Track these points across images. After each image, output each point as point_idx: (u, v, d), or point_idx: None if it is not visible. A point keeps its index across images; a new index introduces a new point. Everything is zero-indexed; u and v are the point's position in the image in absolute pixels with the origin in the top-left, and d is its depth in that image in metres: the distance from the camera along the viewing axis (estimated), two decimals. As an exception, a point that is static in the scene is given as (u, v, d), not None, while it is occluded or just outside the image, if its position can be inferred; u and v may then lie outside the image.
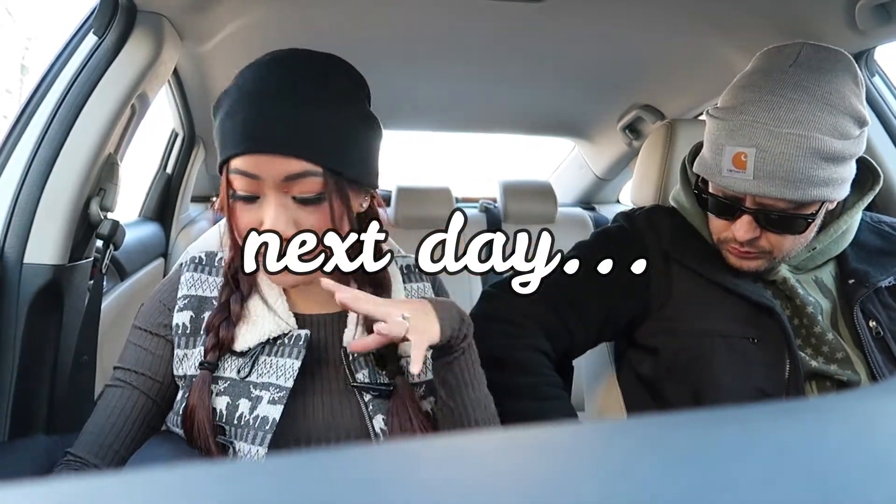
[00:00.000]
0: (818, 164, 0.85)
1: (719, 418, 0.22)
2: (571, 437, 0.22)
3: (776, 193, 0.86)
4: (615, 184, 2.74)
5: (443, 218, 2.17)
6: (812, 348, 0.96)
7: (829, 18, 1.23)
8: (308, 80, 0.75)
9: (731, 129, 0.89)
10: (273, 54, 0.78)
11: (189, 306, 0.82)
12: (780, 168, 0.85)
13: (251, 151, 0.72)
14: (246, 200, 0.75)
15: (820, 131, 0.85)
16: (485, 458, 0.20)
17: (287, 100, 0.73)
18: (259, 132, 0.72)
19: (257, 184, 0.73)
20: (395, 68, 1.75)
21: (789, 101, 0.86)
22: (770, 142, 0.85)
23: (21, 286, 1.05)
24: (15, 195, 1.06)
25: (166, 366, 0.81)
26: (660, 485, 0.17)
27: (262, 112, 0.73)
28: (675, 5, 1.32)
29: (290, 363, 0.77)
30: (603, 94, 2.02)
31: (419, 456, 0.20)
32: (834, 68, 0.89)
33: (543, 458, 0.20)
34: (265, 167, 0.72)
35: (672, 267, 1.02)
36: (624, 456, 0.19)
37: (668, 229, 1.06)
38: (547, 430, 0.22)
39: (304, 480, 0.18)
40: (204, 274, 0.85)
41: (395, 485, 0.17)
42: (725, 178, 0.90)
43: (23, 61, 10.70)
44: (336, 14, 1.39)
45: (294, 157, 0.72)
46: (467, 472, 0.18)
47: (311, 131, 0.73)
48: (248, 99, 0.73)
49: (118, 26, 1.14)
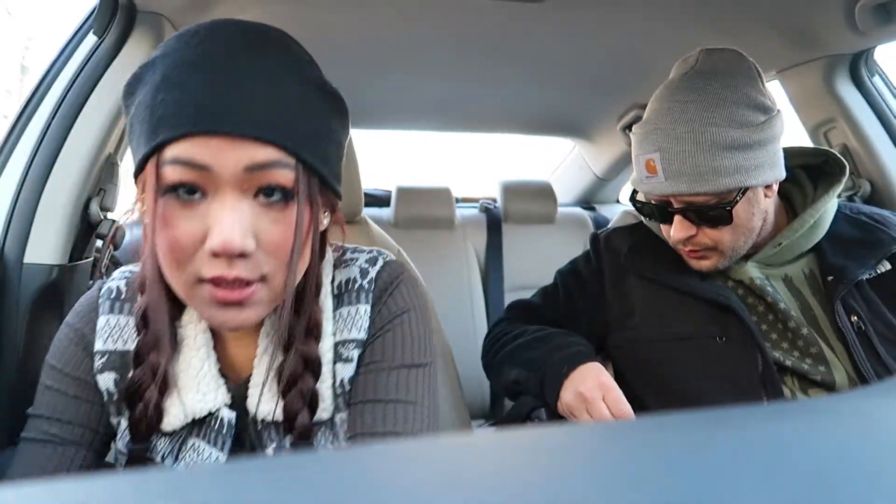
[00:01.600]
0: (720, 154, 0.90)
1: (719, 418, 0.22)
2: (571, 437, 0.22)
3: (687, 189, 0.92)
4: (615, 184, 2.73)
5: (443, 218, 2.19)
6: (788, 342, 0.97)
7: (829, 18, 1.23)
8: (268, 51, 0.56)
9: (640, 139, 0.96)
10: (210, 23, 0.57)
11: (110, 366, 0.66)
12: (685, 165, 0.91)
13: (201, 132, 0.52)
14: (185, 202, 0.54)
15: (714, 125, 0.90)
16: (485, 458, 0.20)
17: (249, 70, 0.53)
18: (214, 107, 0.52)
19: (205, 178, 0.53)
20: (395, 68, 1.75)
21: (682, 104, 0.92)
22: (670, 143, 0.91)
23: (21, 286, 1.05)
24: (15, 195, 1.06)
25: (103, 413, 0.67)
26: (659, 485, 0.17)
27: (215, 82, 0.52)
28: (675, 6, 1.32)
29: (216, 455, 0.63)
30: (603, 94, 2.02)
31: (419, 456, 0.20)
32: (727, 66, 0.95)
33: (543, 458, 0.20)
34: (220, 154, 0.52)
35: (629, 280, 1.08)
36: (624, 456, 0.19)
37: (626, 245, 1.13)
38: (547, 430, 0.22)
39: (304, 480, 0.18)
40: (123, 315, 0.68)
41: (395, 485, 0.17)
42: (644, 185, 0.97)
43: (23, 61, 10.70)
44: (336, 14, 1.39)
45: (261, 142, 0.53)
46: (467, 472, 0.18)
47: (281, 110, 0.54)
48: (192, 68, 0.53)
49: (118, 26, 1.14)
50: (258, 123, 0.53)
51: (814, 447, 0.19)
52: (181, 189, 0.54)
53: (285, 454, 0.56)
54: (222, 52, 0.54)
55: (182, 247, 0.54)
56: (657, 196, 0.97)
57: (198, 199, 0.54)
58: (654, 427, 0.22)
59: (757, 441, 0.20)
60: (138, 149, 0.56)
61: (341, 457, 0.20)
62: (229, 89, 0.52)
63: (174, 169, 0.53)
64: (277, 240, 0.55)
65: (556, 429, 0.22)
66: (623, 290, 1.09)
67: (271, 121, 0.53)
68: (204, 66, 0.53)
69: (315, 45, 0.83)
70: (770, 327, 0.98)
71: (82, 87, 1.11)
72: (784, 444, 0.19)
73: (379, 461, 0.19)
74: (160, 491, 0.17)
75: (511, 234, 2.32)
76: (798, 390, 0.94)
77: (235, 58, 0.54)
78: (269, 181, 0.54)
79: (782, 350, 0.96)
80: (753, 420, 0.22)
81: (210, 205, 0.54)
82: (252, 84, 0.53)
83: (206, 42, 0.54)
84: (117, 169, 1.22)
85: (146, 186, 0.55)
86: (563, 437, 0.22)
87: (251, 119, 0.52)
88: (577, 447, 0.21)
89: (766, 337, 0.97)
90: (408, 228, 2.21)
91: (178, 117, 0.52)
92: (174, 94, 0.52)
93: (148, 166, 0.54)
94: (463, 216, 2.36)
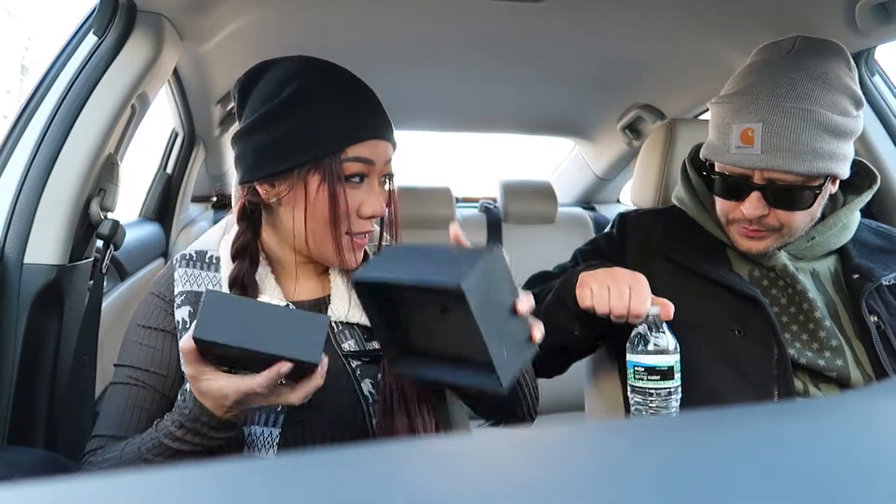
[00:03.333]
0: (822, 136, 0.89)
1: (719, 418, 0.22)
2: (571, 437, 0.22)
3: (784, 166, 0.89)
4: (615, 184, 2.73)
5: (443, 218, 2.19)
6: (809, 334, 0.97)
7: (829, 18, 1.23)
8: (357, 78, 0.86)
9: (738, 107, 0.93)
10: (308, 59, 0.85)
11: (187, 301, 0.84)
12: (787, 140, 0.89)
13: (373, 137, 0.81)
14: (354, 186, 0.81)
15: (821, 106, 0.89)
16: (485, 457, 0.20)
17: (370, 92, 0.84)
18: (377, 121, 0.82)
19: (368, 168, 0.81)
20: (395, 68, 1.75)
21: (790, 80, 0.90)
22: (775, 116, 0.89)
23: (21, 286, 1.05)
24: (15, 195, 1.06)
25: (173, 360, 0.83)
26: (659, 485, 0.17)
27: (368, 103, 0.82)
28: (675, 6, 1.32)
29: None
30: (603, 94, 2.02)
31: (419, 456, 0.20)
32: (827, 54, 0.94)
33: (543, 458, 0.20)
34: (378, 151, 0.81)
35: (655, 263, 1.05)
36: (624, 456, 0.20)
37: (659, 228, 1.10)
38: (547, 430, 0.22)
39: (305, 480, 0.18)
40: (196, 269, 0.88)
41: (395, 485, 0.17)
42: (733, 156, 0.93)
43: (23, 61, 10.70)
44: (336, 14, 1.39)
45: (391, 143, 0.84)
46: (467, 472, 0.18)
47: (388, 119, 0.85)
48: (350, 92, 0.82)
49: (118, 26, 1.14)
50: (391, 130, 0.84)
51: (814, 447, 0.19)
52: (355, 181, 0.81)
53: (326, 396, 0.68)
54: (353, 79, 0.84)
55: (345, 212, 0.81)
56: (746, 168, 0.93)
57: (361, 185, 0.82)
58: (655, 427, 0.22)
59: (757, 441, 0.20)
60: (306, 150, 0.79)
61: (341, 457, 0.20)
62: (376, 107, 0.83)
63: (352, 164, 0.80)
64: (383, 205, 0.85)
65: (557, 429, 0.22)
66: (646, 270, 1.04)
67: (391, 128, 0.84)
68: (356, 91, 0.83)
69: (315, 46, 0.83)
70: (791, 320, 0.98)
71: (82, 86, 1.11)
72: (784, 444, 0.19)
73: (379, 461, 0.19)
74: (160, 491, 0.17)
75: (511, 234, 2.32)
76: (810, 385, 0.95)
77: (361, 84, 0.84)
78: (386, 172, 0.85)
79: (801, 342, 0.96)
80: (753, 420, 0.22)
81: (365, 187, 0.82)
82: (379, 104, 0.84)
83: (336, 73, 0.84)
84: (117, 169, 1.22)
85: (331, 177, 0.79)
86: (564, 437, 0.22)
87: (390, 127, 0.84)
88: (578, 447, 0.21)
89: (787, 328, 0.97)
90: (408, 228, 2.19)
91: (357, 128, 0.80)
92: (349, 111, 0.80)
93: (330, 162, 0.79)
94: (463, 216, 2.36)
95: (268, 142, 0.81)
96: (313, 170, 0.80)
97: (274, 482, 0.18)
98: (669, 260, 1.05)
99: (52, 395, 1.11)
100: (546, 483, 0.17)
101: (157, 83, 1.26)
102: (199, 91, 1.74)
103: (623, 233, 1.14)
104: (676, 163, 1.24)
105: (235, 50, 1.45)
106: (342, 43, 1.51)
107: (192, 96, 1.79)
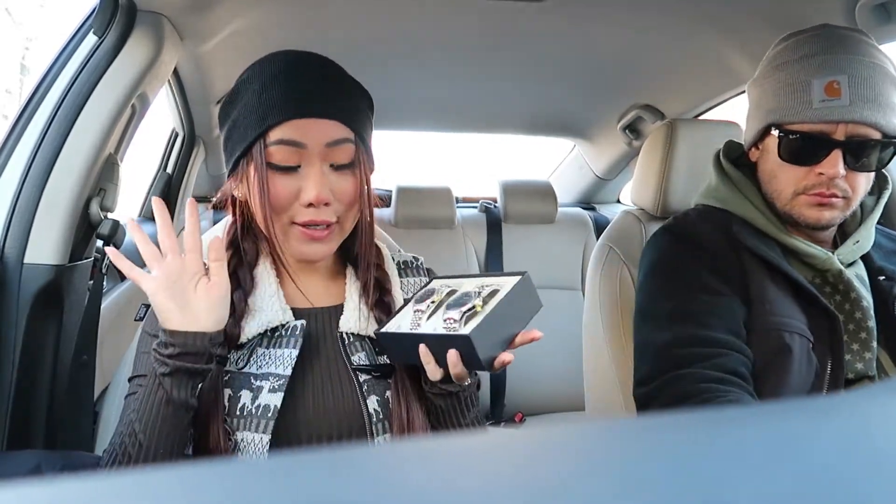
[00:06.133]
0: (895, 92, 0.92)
1: (719, 418, 0.22)
2: (572, 437, 0.22)
3: (870, 117, 0.90)
4: (615, 184, 2.73)
5: (443, 218, 2.19)
6: (860, 344, 0.95)
7: (829, 18, 1.23)
8: (328, 61, 0.82)
9: (818, 63, 0.93)
10: (283, 50, 0.82)
11: None
12: (873, 91, 0.90)
13: (299, 115, 0.75)
14: (285, 171, 0.76)
15: (886, 65, 0.93)
16: (485, 458, 0.20)
17: (322, 72, 0.79)
18: (306, 98, 0.76)
19: (299, 153, 0.76)
20: (395, 68, 1.75)
21: (857, 41, 0.93)
22: (859, 69, 0.91)
23: (21, 286, 1.05)
24: (15, 195, 1.06)
25: None
26: (660, 485, 0.17)
27: (304, 81, 0.77)
28: (675, 5, 1.32)
29: (289, 352, 0.79)
30: (603, 94, 2.02)
31: (419, 456, 0.20)
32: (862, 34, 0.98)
33: (543, 458, 0.20)
34: (311, 133, 0.75)
35: (743, 257, 0.98)
36: (624, 456, 0.19)
37: (719, 224, 1.02)
38: (547, 430, 0.22)
39: (304, 481, 0.18)
40: None
41: (395, 485, 0.17)
42: (818, 111, 0.91)
43: (23, 61, 10.70)
44: (336, 14, 1.40)
45: (336, 121, 0.77)
46: (467, 472, 0.18)
47: (346, 99, 0.79)
48: (288, 71, 0.77)
49: (118, 26, 1.14)
50: (332, 109, 0.77)
51: (814, 447, 0.19)
52: (283, 167, 0.76)
53: None
54: (308, 61, 0.79)
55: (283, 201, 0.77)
56: (831, 122, 0.90)
57: (294, 172, 0.77)
58: (655, 427, 0.22)
59: (757, 441, 0.20)
60: (243, 140, 0.77)
61: (341, 457, 0.20)
62: (315, 85, 0.77)
63: (277, 148, 0.75)
64: (346, 194, 0.78)
65: (557, 429, 0.22)
66: (740, 268, 0.97)
67: (339, 106, 0.77)
68: (297, 70, 0.77)
69: (315, 46, 0.83)
70: (843, 327, 0.95)
71: (83, 86, 1.11)
72: (784, 444, 0.19)
73: (379, 461, 0.19)
74: (160, 491, 0.17)
75: (511, 234, 2.32)
76: None
77: (310, 65, 0.79)
78: (337, 157, 0.77)
79: (852, 353, 0.95)
80: (753, 420, 0.22)
81: (302, 173, 0.77)
82: (328, 81, 0.78)
83: (295, 57, 0.79)
84: (117, 169, 1.22)
85: (256, 164, 0.76)
86: (564, 437, 0.22)
87: (329, 106, 0.76)
88: (578, 447, 0.21)
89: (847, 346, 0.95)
90: (408, 228, 2.21)
91: (280, 107, 0.75)
92: (279, 90, 0.75)
93: (256, 147, 0.76)
94: (463, 216, 2.36)
95: (224, 136, 0.82)
96: (249, 159, 0.77)
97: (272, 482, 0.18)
98: (756, 255, 0.97)
99: (52, 395, 1.11)
100: (546, 483, 0.17)
101: (157, 83, 1.26)
102: (199, 91, 1.74)
103: (695, 232, 1.02)
104: (677, 163, 1.24)
105: (235, 50, 1.45)
106: (342, 43, 1.51)
107: (192, 96, 1.79)
